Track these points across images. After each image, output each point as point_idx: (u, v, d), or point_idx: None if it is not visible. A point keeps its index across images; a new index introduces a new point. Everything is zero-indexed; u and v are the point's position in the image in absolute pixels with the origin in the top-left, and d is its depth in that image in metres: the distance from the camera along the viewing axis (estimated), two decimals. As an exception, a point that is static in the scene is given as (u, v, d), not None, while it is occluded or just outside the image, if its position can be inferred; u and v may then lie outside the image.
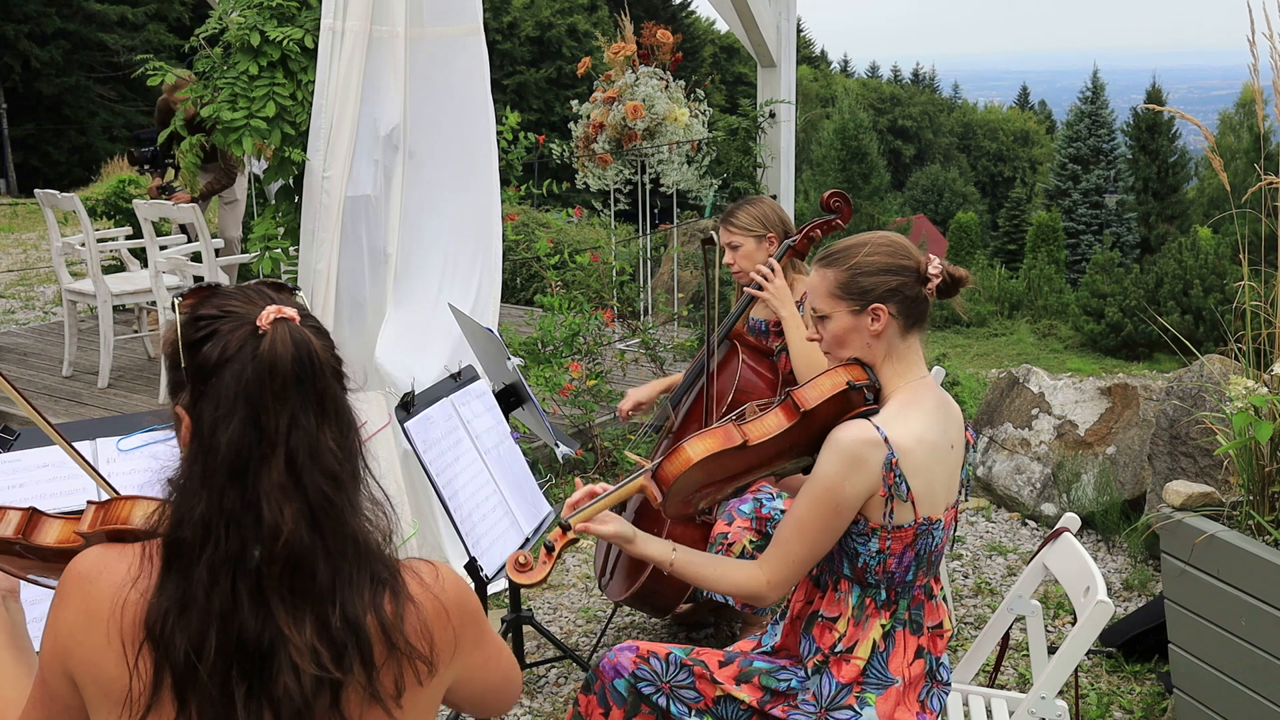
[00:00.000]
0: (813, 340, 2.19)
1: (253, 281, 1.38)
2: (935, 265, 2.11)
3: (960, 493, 2.21)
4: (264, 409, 1.24)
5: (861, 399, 2.10)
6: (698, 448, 2.08)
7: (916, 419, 2.06)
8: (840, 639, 2.10)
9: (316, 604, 1.25)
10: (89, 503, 1.43)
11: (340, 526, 1.28)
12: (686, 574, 2.15)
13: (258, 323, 1.26)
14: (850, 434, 2.01)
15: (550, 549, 2.07)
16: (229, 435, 1.23)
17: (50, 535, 1.50)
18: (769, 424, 2.10)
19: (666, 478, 2.09)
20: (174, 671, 1.23)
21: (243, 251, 6.87)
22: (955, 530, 4.28)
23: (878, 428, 2.01)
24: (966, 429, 2.19)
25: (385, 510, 1.35)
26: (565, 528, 2.09)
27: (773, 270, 3.22)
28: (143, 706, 1.23)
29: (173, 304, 1.33)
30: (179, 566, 1.24)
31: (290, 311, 1.28)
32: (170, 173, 6.90)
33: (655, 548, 2.14)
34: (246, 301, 1.30)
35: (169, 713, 1.24)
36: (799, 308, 3.27)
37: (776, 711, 2.12)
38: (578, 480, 2.24)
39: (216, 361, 1.25)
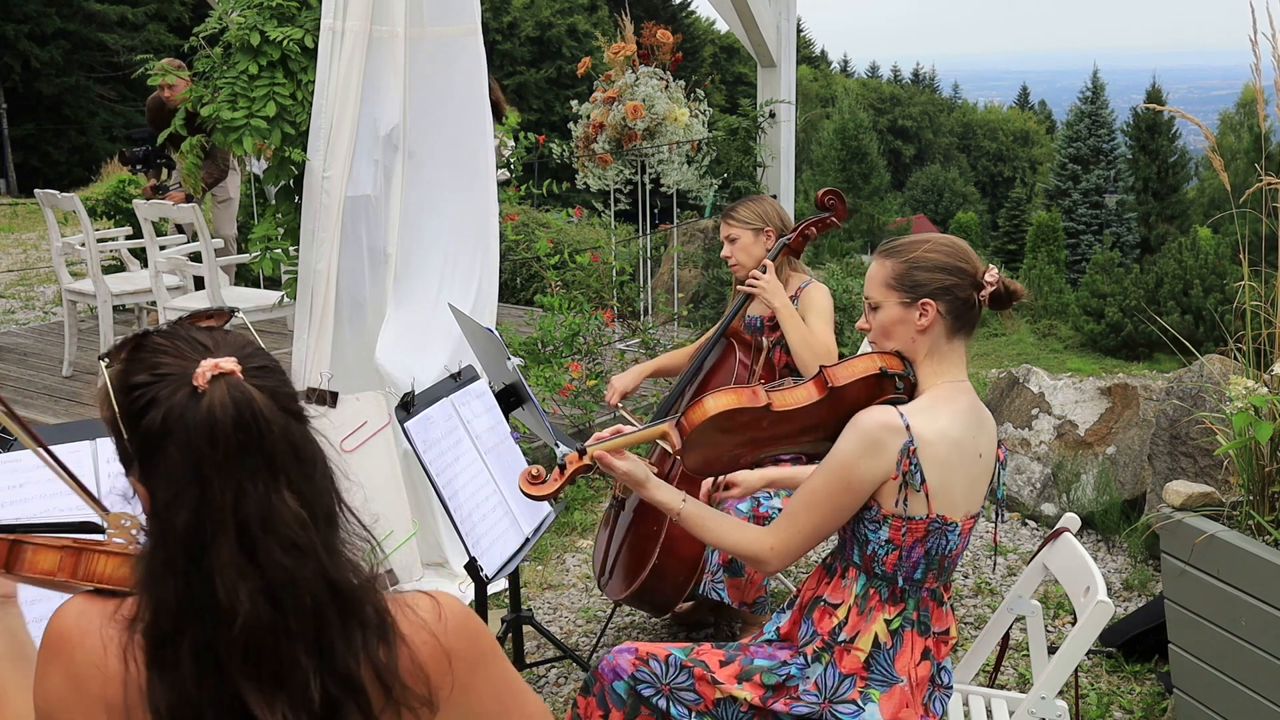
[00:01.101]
0: (862, 329, 2.21)
1: (185, 317, 1.27)
2: (992, 274, 2.13)
3: (991, 510, 2.22)
4: (209, 482, 1.14)
5: (892, 387, 2.12)
6: (721, 400, 2.10)
7: (944, 416, 2.07)
8: (841, 626, 2.11)
9: (287, 682, 1.17)
10: (64, 549, 1.33)
11: (306, 592, 1.18)
12: (693, 525, 2.17)
13: (194, 382, 1.16)
14: (872, 417, 2.04)
15: (563, 468, 2.08)
16: (184, 518, 1.15)
17: (28, 564, 1.41)
18: (797, 394, 2.13)
19: (686, 426, 2.11)
20: None
21: (239, 250, 6.87)
22: (995, 551, 4.31)
23: (901, 415, 2.03)
24: (999, 446, 2.20)
25: (369, 541, 1.26)
26: (582, 453, 2.10)
27: (764, 270, 3.31)
28: None
29: (100, 366, 1.22)
30: (166, 660, 1.17)
31: (228, 364, 1.17)
32: (164, 172, 6.90)
33: (666, 494, 2.17)
34: (179, 357, 1.19)
35: None
36: (793, 301, 3.35)
37: (779, 706, 2.12)
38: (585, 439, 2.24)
39: (159, 433, 1.16)
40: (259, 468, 1.16)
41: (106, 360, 1.22)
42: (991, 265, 2.15)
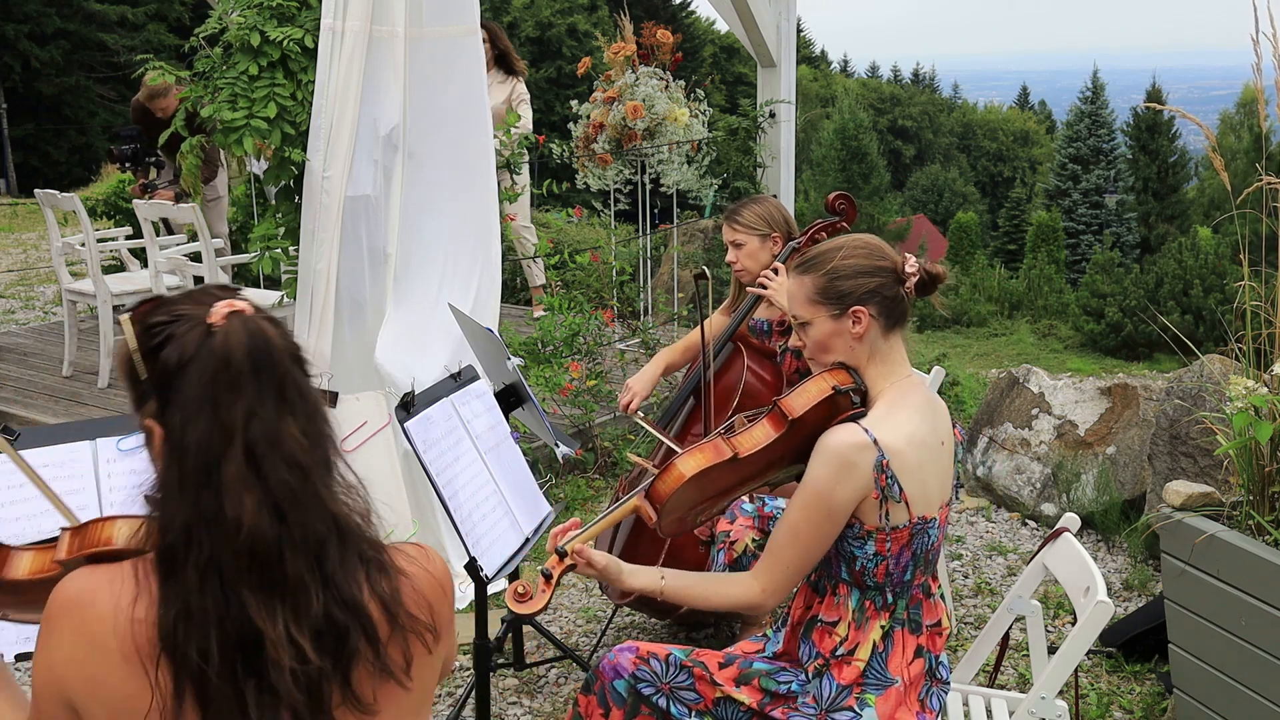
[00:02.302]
0: (797, 347, 2.19)
1: (196, 287, 1.38)
2: (912, 264, 2.12)
3: (954, 492, 2.21)
4: (221, 402, 1.24)
5: (849, 403, 2.10)
6: (689, 464, 2.08)
7: (905, 419, 2.06)
8: (841, 643, 2.10)
9: (289, 595, 1.25)
10: (62, 529, 1.39)
11: (309, 515, 1.27)
12: (679, 596, 2.16)
13: (210, 320, 1.26)
14: (839, 438, 2.01)
15: (548, 577, 2.07)
16: (196, 435, 1.24)
17: (22, 568, 1.43)
18: (758, 435, 2.10)
19: (660, 496, 2.09)
20: (193, 679, 1.23)
21: (233, 249, 6.87)
22: (967, 533, 4.29)
23: (866, 430, 2.01)
24: (955, 426, 2.20)
25: (360, 492, 1.35)
26: (562, 554, 2.09)
27: (776, 271, 3.26)
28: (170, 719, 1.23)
29: (118, 320, 1.33)
30: (174, 576, 1.24)
31: (242, 304, 1.29)
32: (152, 171, 6.89)
33: (643, 579, 2.15)
34: (196, 304, 1.30)
35: None
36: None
37: (776, 714, 2.12)
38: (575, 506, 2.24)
39: (177, 364, 1.25)
40: (268, 393, 1.26)
41: (128, 314, 1.33)
42: (908, 255, 2.13)
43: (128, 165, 6.93)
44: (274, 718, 1.24)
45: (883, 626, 2.10)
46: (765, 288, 3.27)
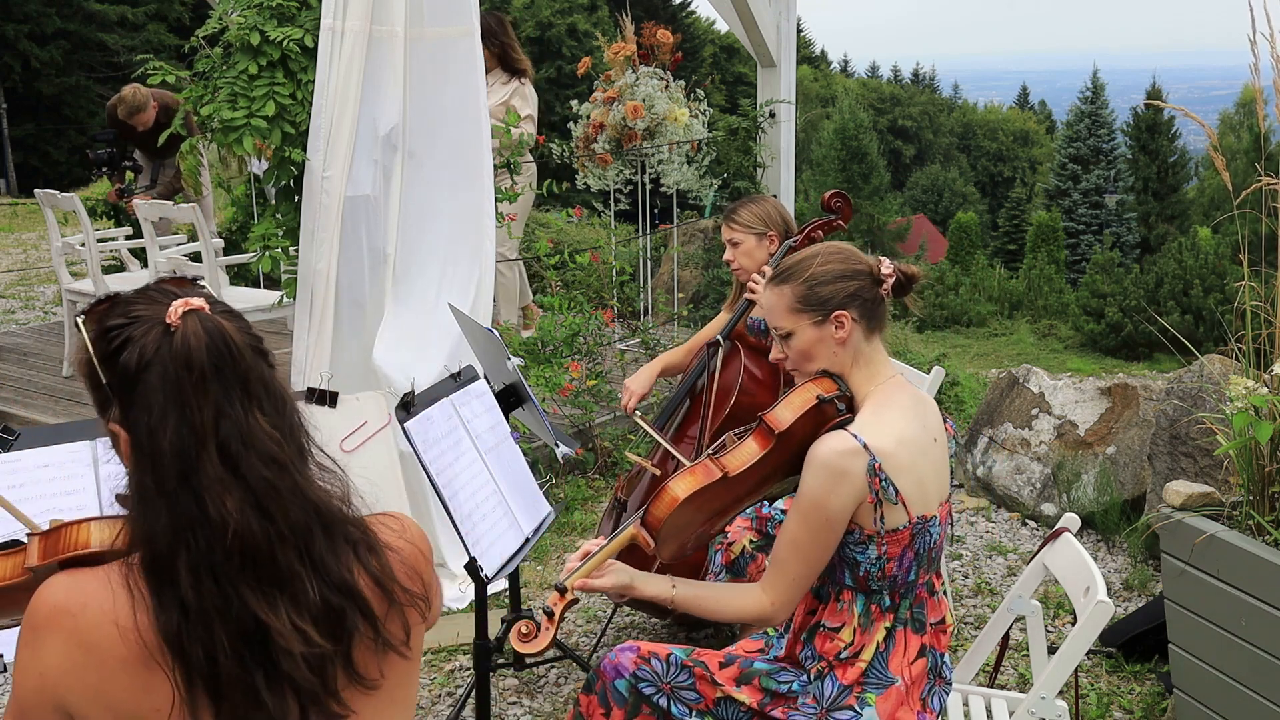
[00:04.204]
0: (777, 360, 2.19)
1: (149, 283, 1.37)
2: (887, 265, 2.13)
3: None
4: (188, 404, 1.23)
5: (835, 410, 2.09)
6: (680, 487, 2.08)
7: (893, 419, 2.06)
8: (846, 647, 2.11)
9: (286, 585, 1.27)
10: (29, 535, 1.34)
11: (292, 506, 1.28)
12: (689, 606, 2.16)
13: (167, 320, 1.26)
14: (829, 447, 2.02)
15: (550, 614, 2.07)
16: (169, 439, 1.23)
17: None
18: (745, 453, 2.10)
19: (655, 522, 2.09)
20: (204, 676, 1.24)
21: (227, 249, 6.87)
22: (953, 527, 4.30)
23: (855, 436, 2.01)
24: (946, 422, 2.20)
25: (337, 475, 1.36)
26: (562, 590, 2.09)
27: (764, 274, 3.26)
28: None
29: (76, 323, 1.32)
30: (166, 579, 1.24)
31: (197, 302, 1.28)
32: (130, 175, 6.87)
33: (655, 587, 2.15)
34: (151, 303, 1.29)
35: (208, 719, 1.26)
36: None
37: (776, 713, 2.12)
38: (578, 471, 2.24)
39: (137, 367, 1.25)
40: (234, 390, 1.26)
41: (83, 317, 1.31)
42: (881, 257, 2.15)
43: (103, 170, 6.90)
44: (284, 703, 1.27)
45: (887, 628, 2.10)
46: (753, 294, 3.28)
